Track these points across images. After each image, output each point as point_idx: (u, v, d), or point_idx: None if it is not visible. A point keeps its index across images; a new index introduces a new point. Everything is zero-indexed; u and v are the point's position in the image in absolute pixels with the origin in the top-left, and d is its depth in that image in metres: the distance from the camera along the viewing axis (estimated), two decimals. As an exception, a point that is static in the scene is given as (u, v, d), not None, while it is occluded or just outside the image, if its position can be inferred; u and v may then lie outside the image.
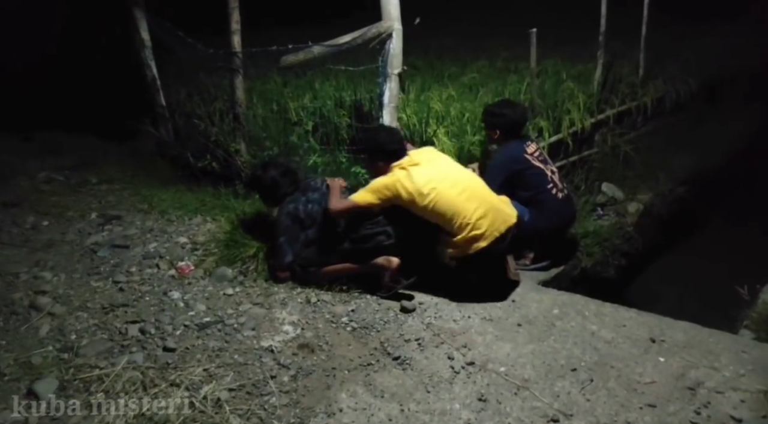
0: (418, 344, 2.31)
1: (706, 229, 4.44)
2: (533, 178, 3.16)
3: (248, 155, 3.47)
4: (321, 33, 3.30)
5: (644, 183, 4.59)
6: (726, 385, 2.01)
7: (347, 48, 3.04)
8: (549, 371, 2.13)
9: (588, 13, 5.20)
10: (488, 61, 5.52)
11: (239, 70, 3.28)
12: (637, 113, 4.95)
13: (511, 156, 3.22)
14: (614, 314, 2.49)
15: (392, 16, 3.03)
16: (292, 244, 2.72)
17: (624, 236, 3.82)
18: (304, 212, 2.75)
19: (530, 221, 3.06)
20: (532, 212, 3.10)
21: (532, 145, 3.32)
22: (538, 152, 3.31)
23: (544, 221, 3.15)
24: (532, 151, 3.26)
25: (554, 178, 3.25)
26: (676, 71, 5.35)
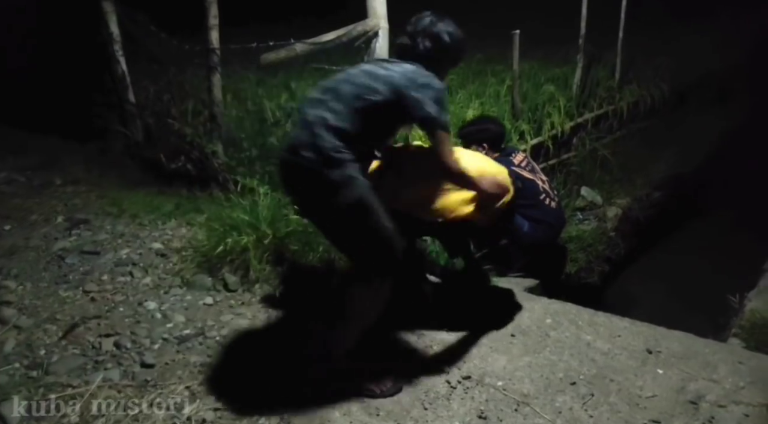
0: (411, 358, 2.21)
1: (683, 232, 4.51)
2: (525, 191, 3.02)
3: (225, 157, 3.30)
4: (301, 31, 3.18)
5: (622, 187, 4.64)
6: (727, 398, 1.98)
7: (331, 46, 2.92)
8: (548, 384, 2.06)
9: (558, 12, 5.23)
10: (464, 63, 5.47)
11: (217, 67, 3.11)
12: (614, 117, 5.01)
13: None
14: (608, 324, 2.44)
15: (378, 14, 2.93)
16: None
17: (606, 242, 3.82)
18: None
19: (530, 232, 2.98)
20: (531, 224, 3.00)
21: (519, 155, 3.24)
22: (526, 162, 3.22)
23: (541, 232, 3.06)
24: (519, 162, 3.17)
25: (545, 187, 3.16)
26: (649, 76, 5.44)
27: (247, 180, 3.19)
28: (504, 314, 2.52)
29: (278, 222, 2.76)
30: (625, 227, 4.15)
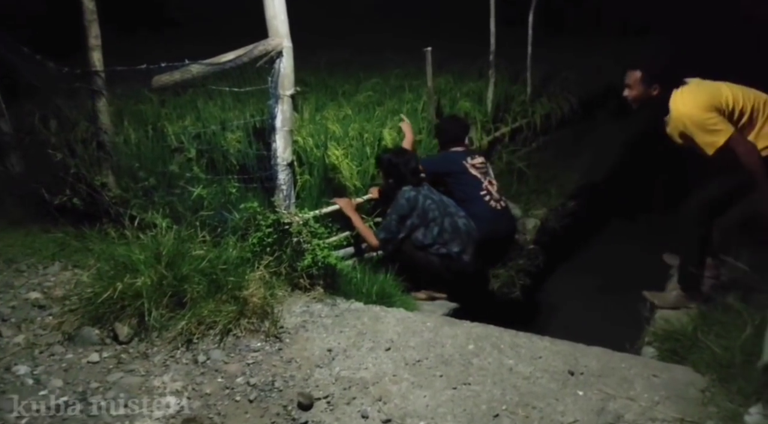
0: (328, 403, 2.04)
1: (598, 239, 4.65)
2: (467, 185, 3.42)
3: (119, 189, 2.99)
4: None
5: (538, 198, 4.71)
6: (644, 416, 1.97)
7: (231, 67, 2.72)
8: (471, 420, 1.97)
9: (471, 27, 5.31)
10: (381, 78, 5.42)
11: (102, 91, 2.82)
12: (528, 130, 5.11)
13: (448, 156, 3.59)
14: (529, 345, 2.39)
15: (281, 33, 2.76)
16: (398, 225, 3.16)
17: (527, 255, 3.84)
18: (422, 202, 3.17)
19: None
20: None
21: (478, 158, 3.61)
22: (481, 165, 3.56)
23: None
24: (474, 162, 3.54)
25: (490, 188, 3.49)
26: (558, 89, 5.63)
27: (144, 213, 2.91)
28: (426, 342, 2.41)
29: (180, 260, 2.51)
30: (543, 238, 4.20)
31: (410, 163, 3.30)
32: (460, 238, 3.20)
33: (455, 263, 3.18)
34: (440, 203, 3.25)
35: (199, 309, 2.37)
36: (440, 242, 3.18)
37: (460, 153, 3.61)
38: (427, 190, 3.29)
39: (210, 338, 2.34)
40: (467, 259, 3.20)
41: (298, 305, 2.65)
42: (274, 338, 2.39)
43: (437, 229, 3.18)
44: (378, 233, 3.22)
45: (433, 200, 3.23)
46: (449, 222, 3.21)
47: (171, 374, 2.13)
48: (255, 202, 2.85)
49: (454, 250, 3.18)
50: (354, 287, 2.86)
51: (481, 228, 3.32)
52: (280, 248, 2.74)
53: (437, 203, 3.23)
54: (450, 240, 3.18)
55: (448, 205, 3.28)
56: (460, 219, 3.26)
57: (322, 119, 4.04)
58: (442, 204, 3.26)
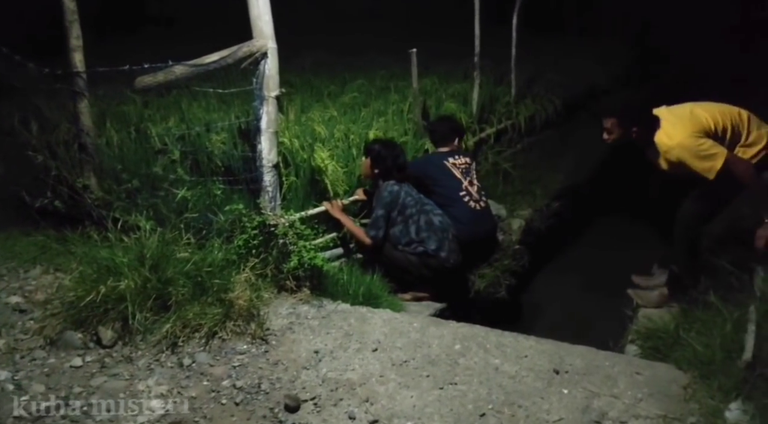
0: (315, 405, 2.04)
1: (583, 239, 4.70)
2: (445, 186, 3.43)
3: (101, 191, 2.95)
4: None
5: (524, 199, 4.74)
6: (628, 413, 1.99)
7: (215, 68, 2.70)
8: (458, 420, 1.98)
9: (457, 28, 5.34)
10: (367, 80, 5.43)
11: (83, 92, 2.78)
12: (513, 131, 5.15)
13: (429, 159, 3.64)
14: (515, 345, 2.41)
15: (265, 34, 2.75)
16: (387, 220, 3.20)
17: (512, 255, 3.86)
18: (402, 198, 3.22)
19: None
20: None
21: (462, 158, 3.60)
22: (464, 165, 3.56)
23: (455, 228, 3.30)
24: (456, 162, 3.53)
25: (471, 189, 3.49)
26: (542, 91, 5.68)
27: (127, 216, 2.88)
28: (412, 343, 2.42)
29: (164, 262, 2.49)
30: (528, 239, 4.23)
31: (399, 158, 3.34)
32: (436, 235, 3.22)
33: (433, 259, 3.20)
34: (418, 200, 3.30)
35: (184, 312, 2.35)
36: (417, 241, 3.21)
37: (443, 154, 3.63)
38: (408, 187, 3.32)
39: (195, 341, 2.32)
40: (445, 255, 3.21)
41: (285, 306, 2.64)
42: (261, 341, 2.38)
43: (414, 227, 3.22)
44: (368, 231, 3.23)
45: (412, 197, 3.28)
46: (425, 220, 3.24)
47: (156, 378, 2.11)
48: (240, 204, 2.83)
49: (432, 247, 3.19)
50: (340, 288, 2.86)
51: (462, 229, 3.34)
52: (266, 250, 2.73)
53: (415, 200, 3.28)
54: (426, 238, 3.21)
55: (425, 203, 3.32)
56: (435, 216, 3.29)
57: (307, 121, 4.03)
58: (420, 201, 3.30)
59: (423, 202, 3.32)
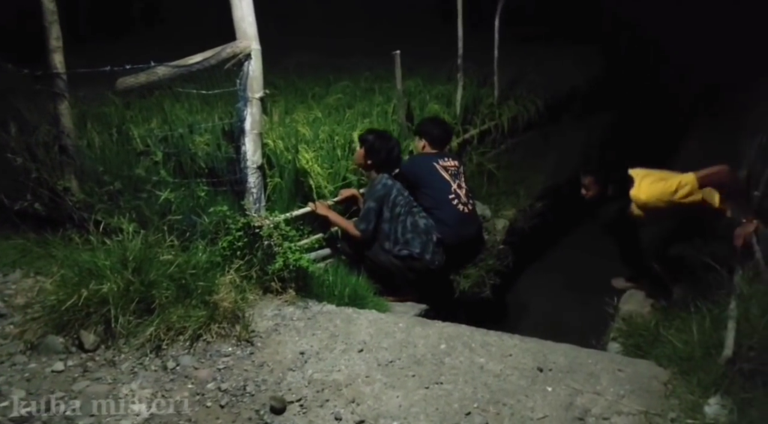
0: (301, 406, 2.04)
1: (566, 239, 4.75)
2: (435, 189, 3.40)
3: (82, 193, 2.91)
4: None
5: (508, 199, 4.79)
6: (610, 409, 2.02)
7: (198, 69, 2.69)
8: (443, 419, 1.99)
9: (438, 29, 5.38)
10: (352, 81, 5.44)
11: (64, 93, 2.75)
12: (497, 132, 5.20)
13: (415, 162, 3.58)
14: (499, 343, 2.43)
15: (249, 35, 2.75)
16: (378, 214, 3.18)
17: (497, 255, 3.90)
18: (394, 195, 3.22)
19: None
20: (434, 222, 3.31)
21: (451, 160, 3.57)
22: (453, 167, 3.53)
23: (441, 231, 3.31)
24: (445, 164, 3.50)
25: (460, 192, 3.47)
26: (524, 92, 5.75)
27: (110, 218, 2.85)
28: (398, 343, 2.43)
29: (148, 265, 2.46)
30: (512, 239, 4.28)
31: (394, 150, 3.35)
32: (420, 237, 3.24)
33: (418, 262, 3.21)
34: (408, 201, 3.31)
35: (167, 315, 2.34)
36: (402, 242, 3.23)
37: (433, 155, 3.60)
38: (400, 185, 3.33)
39: (179, 343, 2.31)
40: (429, 257, 3.23)
41: (270, 308, 2.63)
42: (246, 343, 2.37)
43: (401, 227, 3.23)
44: (358, 225, 3.22)
45: (403, 197, 3.29)
46: (411, 221, 3.26)
47: (139, 382, 2.09)
48: (225, 206, 2.82)
49: (416, 250, 3.21)
50: (326, 289, 2.86)
51: (449, 232, 3.35)
52: (251, 251, 2.72)
53: (406, 201, 3.29)
54: (411, 239, 3.22)
55: (413, 205, 3.33)
56: (421, 219, 3.30)
57: (292, 122, 4.02)
58: (409, 203, 3.31)
59: (412, 203, 3.33)
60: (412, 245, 3.22)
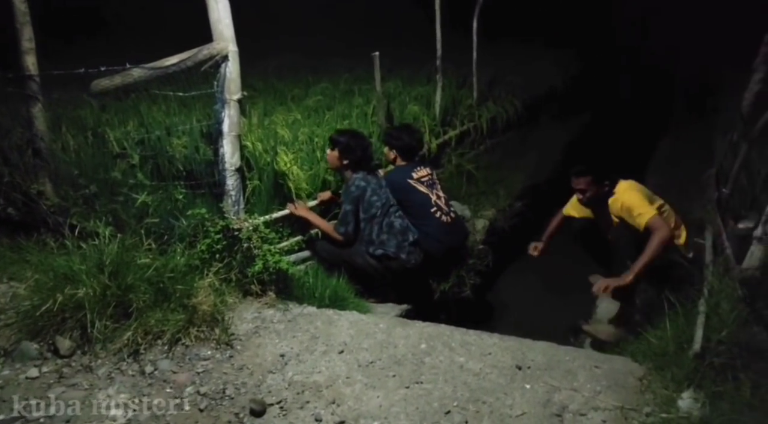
0: (281, 409, 2.04)
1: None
2: (416, 203, 3.37)
3: (57, 197, 2.87)
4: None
5: (487, 199, 4.83)
6: (587, 405, 2.06)
7: (174, 71, 2.67)
8: (423, 418, 2.00)
9: (416, 31, 5.41)
10: (331, 83, 5.44)
11: (37, 96, 2.70)
12: (476, 133, 5.24)
13: (391, 180, 3.43)
14: (479, 342, 2.46)
15: (226, 37, 2.74)
16: (356, 215, 3.20)
17: (477, 255, 3.93)
18: (369, 195, 3.21)
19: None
20: (420, 236, 3.31)
21: (424, 170, 3.52)
22: (428, 177, 3.49)
23: (429, 244, 3.33)
24: (419, 176, 3.46)
25: (439, 203, 3.44)
26: (503, 93, 5.81)
27: (85, 222, 2.81)
28: (379, 344, 2.43)
29: (125, 269, 2.43)
30: (492, 239, 4.31)
31: (368, 149, 3.33)
32: (395, 238, 3.25)
33: (394, 262, 3.23)
34: (384, 202, 3.29)
35: (145, 319, 2.31)
36: (377, 242, 3.24)
37: (404, 168, 3.49)
38: (375, 184, 3.29)
39: (158, 348, 2.28)
40: (405, 257, 3.25)
41: (250, 311, 2.62)
42: (225, 346, 2.36)
43: (376, 228, 3.24)
44: (338, 228, 3.23)
45: (378, 197, 3.27)
46: (387, 222, 3.26)
47: (116, 387, 2.07)
48: (203, 209, 2.80)
49: (391, 250, 3.22)
50: (306, 291, 2.86)
51: (437, 247, 3.35)
52: (230, 254, 2.71)
53: (382, 202, 3.27)
54: (386, 240, 3.24)
55: (390, 205, 3.32)
56: (397, 219, 3.30)
57: (271, 124, 4.01)
58: (385, 203, 3.29)
59: (389, 203, 3.32)
60: (387, 245, 3.23)
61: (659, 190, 3.21)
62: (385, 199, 3.31)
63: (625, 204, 2.82)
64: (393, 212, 3.32)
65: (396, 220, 3.30)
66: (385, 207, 3.29)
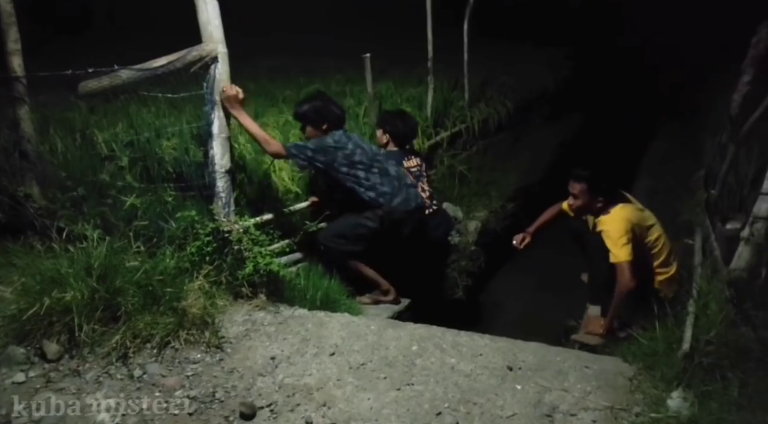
0: (271, 412, 2.03)
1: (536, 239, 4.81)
2: None
3: (44, 200, 2.84)
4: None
5: (479, 201, 4.84)
6: (577, 406, 2.06)
7: (163, 72, 2.65)
8: (414, 419, 2.00)
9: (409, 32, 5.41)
10: (323, 84, 5.42)
11: (24, 98, 2.67)
12: (468, 135, 5.25)
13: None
14: (470, 344, 2.46)
15: (215, 38, 2.72)
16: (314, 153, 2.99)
17: (469, 256, 3.93)
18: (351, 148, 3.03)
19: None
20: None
21: (414, 159, 3.52)
22: (417, 168, 3.49)
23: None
24: (408, 165, 3.44)
25: (422, 196, 3.40)
26: (495, 94, 5.82)
27: (73, 225, 2.78)
28: (370, 345, 2.43)
29: (113, 272, 2.41)
30: (485, 240, 4.32)
31: (335, 107, 3.18)
32: (391, 182, 3.09)
33: (387, 209, 3.05)
34: (369, 152, 3.13)
35: (134, 322, 2.29)
36: (366, 186, 3.06)
37: (395, 154, 3.51)
38: (358, 138, 3.16)
39: (147, 351, 2.27)
40: (399, 201, 3.09)
41: (240, 314, 2.61)
42: (215, 349, 2.34)
43: (363, 172, 3.05)
44: (289, 147, 3.03)
45: (363, 149, 3.11)
46: (378, 166, 3.10)
47: (104, 391, 2.05)
48: (193, 211, 2.78)
49: (384, 189, 3.06)
50: (298, 293, 2.84)
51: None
52: (220, 256, 2.69)
53: (366, 152, 3.11)
54: (379, 183, 3.06)
55: (377, 154, 3.14)
56: (391, 167, 3.16)
57: (262, 125, 3.99)
58: (371, 153, 3.13)
59: (375, 153, 3.15)
60: (379, 187, 3.06)
61: (651, 192, 3.24)
62: (370, 152, 3.14)
63: (609, 233, 2.70)
64: (383, 160, 3.15)
65: (390, 167, 3.15)
66: (371, 154, 3.12)
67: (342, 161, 3.04)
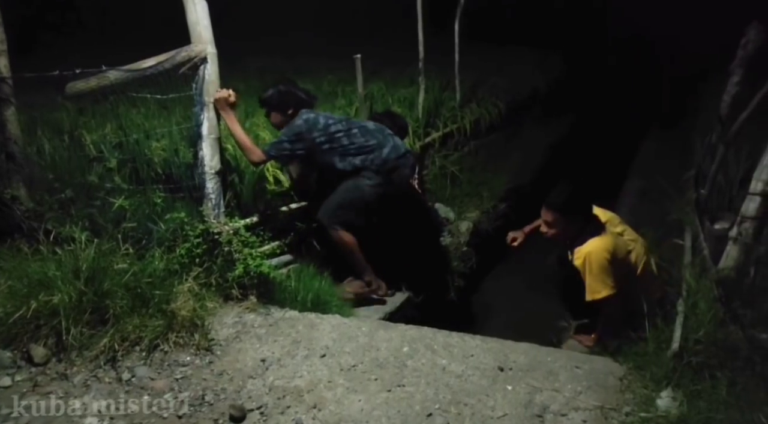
0: (261, 414, 2.01)
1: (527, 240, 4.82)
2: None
3: (31, 202, 2.81)
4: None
5: (471, 201, 4.84)
6: (568, 406, 2.06)
7: (152, 73, 2.63)
8: (405, 421, 2.00)
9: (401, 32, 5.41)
10: (314, 85, 5.41)
11: (10, 99, 2.64)
12: (459, 135, 5.26)
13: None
14: (461, 344, 2.46)
15: (204, 39, 2.71)
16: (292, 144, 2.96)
17: (461, 257, 3.93)
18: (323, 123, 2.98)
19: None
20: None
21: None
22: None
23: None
24: None
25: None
26: (486, 95, 5.83)
27: (61, 227, 2.75)
28: (361, 347, 2.42)
29: (101, 275, 2.39)
30: (476, 241, 4.32)
31: (300, 91, 3.16)
32: (372, 134, 3.05)
33: (379, 161, 3.00)
34: (342, 119, 3.10)
35: (122, 325, 2.27)
36: (353, 151, 3.00)
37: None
38: (325, 113, 3.12)
39: (135, 354, 2.25)
40: (388, 150, 3.03)
41: (230, 316, 2.59)
42: (205, 351, 2.32)
43: (345, 138, 3.00)
44: (268, 150, 3.01)
45: (335, 120, 3.08)
46: (356, 126, 3.06)
47: (92, 394, 2.03)
48: (182, 213, 2.77)
49: (371, 142, 3.01)
50: (288, 295, 2.83)
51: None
52: (210, 258, 2.68)
53: (339, 120, 3.09)
54: (363, 141, 3.01)
55: (350, 119, 3.10)
56: (369, 123, 3.12)
57: (252, 126, 3.98)
58: (343, 119, 3.11)
59: (348, 118, 3.11)
60: (365, 146, 3.00)
61: (641, 192, 3.24)
62: (343, 119, 3.11)
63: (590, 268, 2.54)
64: (358, 122, 3.11)
65: (368, 123, 3.13)
66: (346, 123, 3.08)
67: (321, 139, 2.99)
